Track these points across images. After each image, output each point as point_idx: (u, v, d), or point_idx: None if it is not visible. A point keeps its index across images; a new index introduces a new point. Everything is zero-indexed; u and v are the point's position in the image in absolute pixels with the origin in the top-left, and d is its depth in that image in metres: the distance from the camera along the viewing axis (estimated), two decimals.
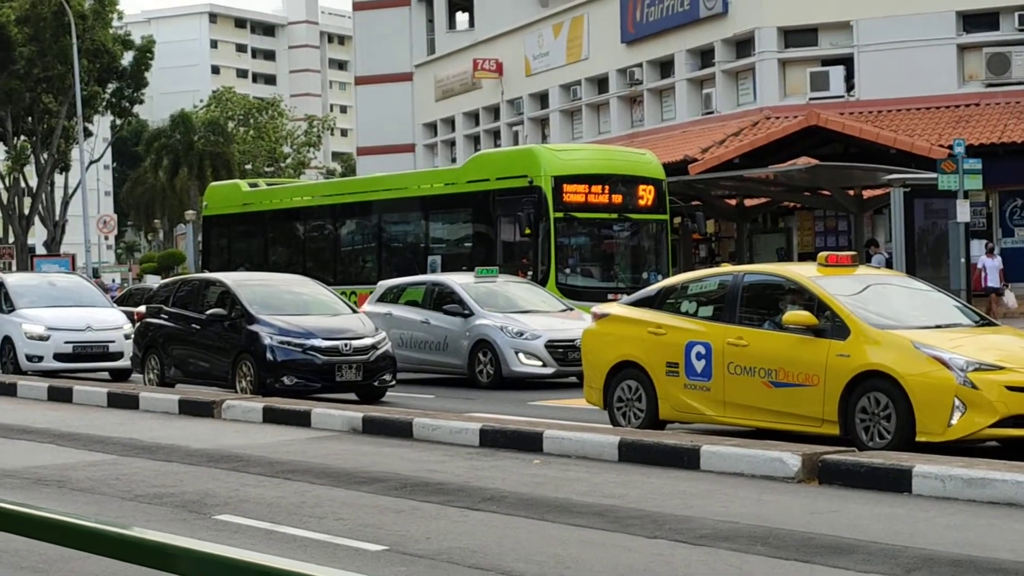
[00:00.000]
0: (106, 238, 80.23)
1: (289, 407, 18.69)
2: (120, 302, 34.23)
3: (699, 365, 15.48)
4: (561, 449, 14.56)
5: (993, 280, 36.01)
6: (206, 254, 40.28)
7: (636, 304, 16.89)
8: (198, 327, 22.93)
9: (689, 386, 15.60)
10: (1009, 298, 35.72)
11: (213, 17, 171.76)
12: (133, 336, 25.38)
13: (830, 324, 14.46)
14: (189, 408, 19.91)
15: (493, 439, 15.33)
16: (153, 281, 62.92)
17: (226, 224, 38.90)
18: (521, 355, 23.95)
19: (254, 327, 21.65)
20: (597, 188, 29.43)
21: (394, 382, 22.21)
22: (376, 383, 21.73)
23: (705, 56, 47.21)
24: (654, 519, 10.77)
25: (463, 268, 30.90)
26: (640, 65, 49.76)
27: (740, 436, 14.65)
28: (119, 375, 27.47)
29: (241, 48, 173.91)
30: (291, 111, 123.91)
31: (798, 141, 38.03)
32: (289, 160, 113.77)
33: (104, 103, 72.22)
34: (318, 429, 17.50)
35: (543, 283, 28.67)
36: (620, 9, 50.40)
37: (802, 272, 15.58)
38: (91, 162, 76.50)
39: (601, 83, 52.71)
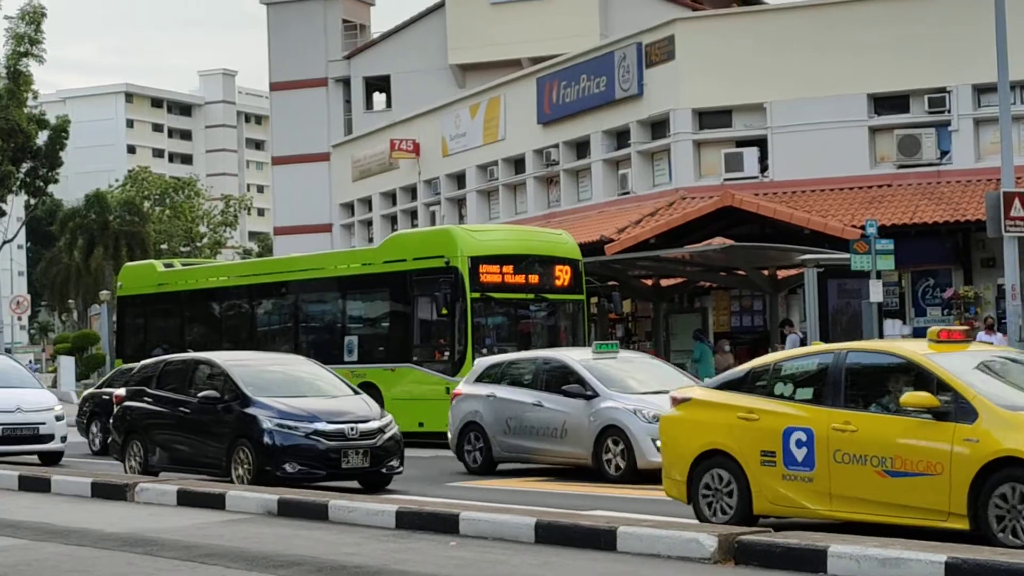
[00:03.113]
0: (19, 318, 79.52)
1: (203, 489, 18.51)
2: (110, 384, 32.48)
3: (799, 453, 14.07)
4: (478, 531, 14.50)
5: None
6: (121, 335, 39.98)
7: (722, 387, 15.43)
8: (187, 411, 21.50)
9: (788, 476, 14.17)
10: None
11: (129, 96, 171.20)
12: (112, 421, 23.86)
13: (953, 406, 13.11)
14: (102, 491, 19.67)
15: (409, 521, 15.25)
16: (66, 363, 62.29)
17: (141, 304, 38.64)
18: (659, 443, 20.96)
19: (251, 410, 20.31)
20: (513, 268, 29.53)
21: (401, 468, 20.85)
22: (384, 470, 20.46)
23: (621, 137, 47.52)
24: None
25: (380, 348, 30.88)
26: (556, 146, 50.02)
27: (664, 517, 14.59)
28: (49, 459, 26.57)
29: (157, 127, 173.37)
30: (208, 191, 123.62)
31: (713, 221, 38.29)
32: (205, 240, 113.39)
33: (18, 182, 71.75)
34: (233, 512, 17.34)
35: (460, 363, 28.66)
36: (537, 90, 50.70)
37: (915, 349, 14.22)
38: (4, 242, 75.90)
39: (518, 163, 52.94)
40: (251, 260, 78.38)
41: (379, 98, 71.09)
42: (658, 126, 45.73)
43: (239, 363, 21.90)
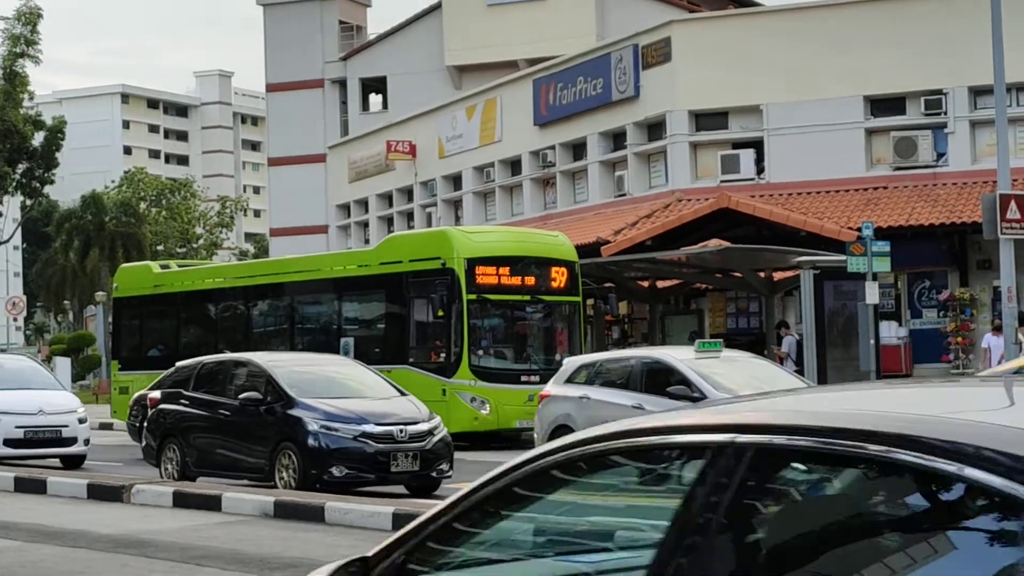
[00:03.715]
0: (15, 319, 79.53)
1: (199, 491, 18.50)
2: None
3: None
4: None
5: (998, 363, 31.14)
6: (116, 336, 39.95)
7: None
8: (227, 413, 20.70)
9: None
10: None
11: (125, 97, 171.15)
12: (146, 424, 22.86)
13: None
14: (98, 492, 19.66)
15: (406, 523, 15.21)
16: (62, 364, 62.15)
17: (137, 306, 38.61)
18: None
19: (295, 411, 19.50)
20: (510, 270, 29.51)
21: (451, 472, 19.79)
22: (434, 473, 19.56)
23: (617, 139, 47.53)
24: None
25: (376, 350, 30.85)
26: (553, 147, 50.03)
27: None
28: (72, 462, 25.98)
29: (153, 128, 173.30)
30: (204, 192, 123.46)
31: (709, 223, 38.30)
32: (202, 241, 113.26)
33: (14, 183, 71.63)
34: (229, 513, 17.32)
35: (456, 365, 28.66)
36: (533, 92, 50.71)
37: None
38: (0, 243, 75.83)
39: (514, 165, 52.93)
40: (247, 262, 78.29)
41: (375, 99, 71.06)
42: (654, 128, 45.74)
43: (281, 363, 21.25)
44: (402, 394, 21.02)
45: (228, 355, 24.11)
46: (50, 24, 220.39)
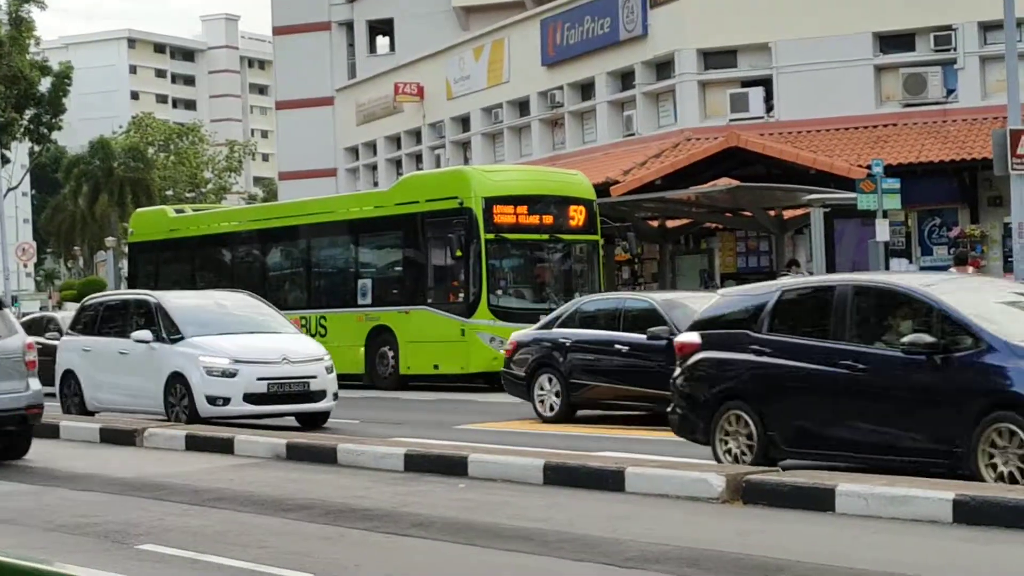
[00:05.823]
0: (25, 266, 79.45)
1: (211, 434, 18.52)
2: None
3: None
4: (486, 472, 14.52)
5: None
6: (132, 280, 40.00)
7: None
8: (856, 366, 13.45)
9: None
10: None
11: (132, 42, 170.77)
12: (682, 381, 15.24)
13: None
14: (110, 436, 19.71)
15: (418, 464, 15.27)
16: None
17: (152, 250, 38.63)
18: None
19: (995, 359, 12.52)
20: (528, 209, 29.45)
21: None
22: None
23: (625, 78, 47.36)
24: (582, 542, 10.75)
25: (394, 291, 30.89)
26: (561, 88, 49.87)
27: (673, 458, 14.62)
28: (313, 420, 21.70)
29: (160, 73, 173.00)
30: (212, 136, 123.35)
31: (719, 162, 38.19)
32: (210, 185, 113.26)
33: (22, 129, 71.56)
34: (241, 456, 17.36)
35: (474, 305, 28.63)
36: (540, 32, 50.51)
37: None
38: (9, 189, 75.80)
39: (522, 106, 52.79)
40: (263, 204, 78.29)
41: (382, 41, 70.77)
42: (663, 67, 45.56)
43: (944, 286, 13.87)
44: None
45: (811, 277, 18.28)
46: None
